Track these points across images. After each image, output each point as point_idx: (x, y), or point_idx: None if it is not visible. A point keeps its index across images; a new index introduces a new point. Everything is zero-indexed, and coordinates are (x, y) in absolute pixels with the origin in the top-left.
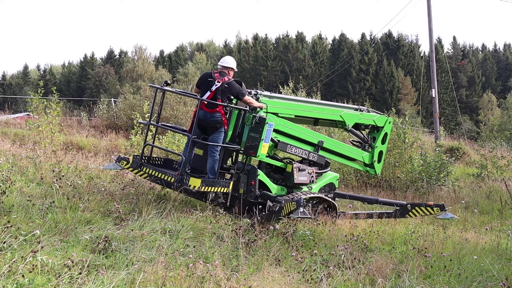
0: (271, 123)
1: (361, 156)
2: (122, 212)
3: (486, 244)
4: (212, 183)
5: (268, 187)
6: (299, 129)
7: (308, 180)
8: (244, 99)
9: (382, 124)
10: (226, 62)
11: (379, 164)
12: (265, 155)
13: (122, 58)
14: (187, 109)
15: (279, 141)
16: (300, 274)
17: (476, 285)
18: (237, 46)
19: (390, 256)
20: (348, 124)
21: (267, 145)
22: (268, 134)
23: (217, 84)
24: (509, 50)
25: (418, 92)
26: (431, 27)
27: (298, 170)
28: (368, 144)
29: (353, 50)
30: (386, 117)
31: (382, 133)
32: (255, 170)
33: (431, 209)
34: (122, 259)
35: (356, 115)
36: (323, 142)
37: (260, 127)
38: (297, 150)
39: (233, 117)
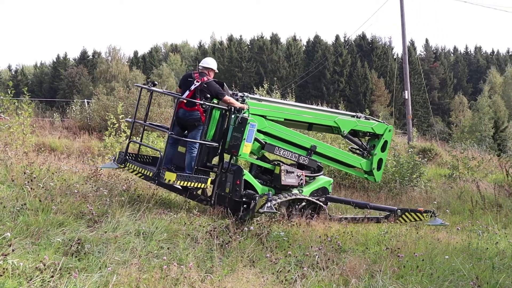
0: (254, 123)
1: (359, 163)
2: (95, 214)
3: (457, 244)
4: (188, 178)
5: (254, 187)
6: (289, 132)
7: (296, 182)
8: (224, 99)
9: (381, 132)
10: (206, 63)
11: (378, 172)
12: (247, 154)
13: (95, 58)
14: (161, 110)
15: (266, 142)
16: (275, 275)
17: (447, 285)
18: (211, 47)
19: (364, 256)
20: (344, 130)
21: (250, 144)
22: (250, 134)
23: (196, 84)
24: (480, 53)
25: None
26: (404, 29)
27: (286, 172)
28: (367, 151)
29: (327, 52)
30: (385, 125)
31: (381, 140)
32: (241, 170)
33: (420, 215)
34: (95, 262)
35: (352, 122)
36: (316, 146)
37: (242, 127)
38: (286, 152)
39: (215, 117)
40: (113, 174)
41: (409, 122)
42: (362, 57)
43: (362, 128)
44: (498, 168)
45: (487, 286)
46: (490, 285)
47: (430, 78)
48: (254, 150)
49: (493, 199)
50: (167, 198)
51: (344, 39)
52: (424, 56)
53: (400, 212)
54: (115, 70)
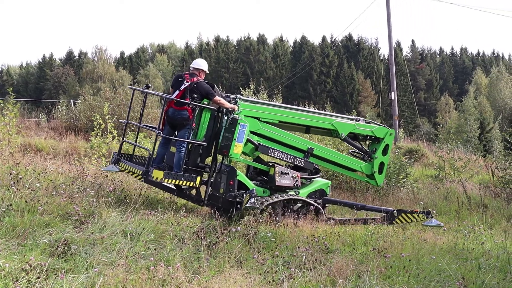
0: (244, 124)
1: (359, 166)
2: (82, 215)
3: (443, 244)
4: (176, 176)
5: (248, 188)
6: (284, 134)
7: (291, 183)
8: (214, 99)
9: (382, 136)
10: (197, 64)
11: (380, 176)
12: (238, 155)
13: (81, 59)
14: (147, 110)
15: (259, 144)
16: (262, 275)
17: (434, 285)
18: (198, 48)
19: (351, 257)
20: (342, 133)
21: (240, 145)
22: (241, 134)
23: (185, 84)
24: (465, 54)
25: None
26: (391, 30)
27: (281, 174)
28: (368, 155)
29: (314, 53)
30: (386, 128)
31: (382, 144)
32: (234, 171)
33: (417, 216)
34: (81, 263)
35: (351, 125)
36: (313, 149)
37: (233, 127)
38: (280, 154)
39: (206, 118)
40: (100, 174)
41: (395, 123)
42: (348, 58)
43: (361, 132)
44: (484, 169)
45: (473, 286)
46: (476, 285)
47: (416, 79)
48: (248, 152)
49: (479, 199)
50: (154, 198)
51: (331, 40)
52: (410, 57)
53: (397, 213)
54: (102, 71)
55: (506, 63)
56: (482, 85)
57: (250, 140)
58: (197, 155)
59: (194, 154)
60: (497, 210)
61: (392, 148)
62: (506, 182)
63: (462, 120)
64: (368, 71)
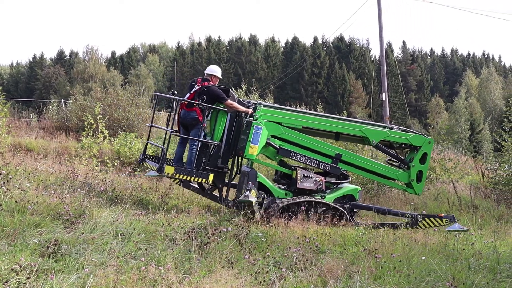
0: (259, 126)
1: (395, 174)
2: (72, 215)
3: (434, 245)
4: (188, 172)
5: (270, 190)
6: (308, 139)
7: (314, 187)
8: (226, 103)
9: (419, 144)
10: (210, 70)
11: (419, 184)
12: (254, 156)
13: (72, 58)
14: (139, 111)
15: (280, 147)
16: (253, 276)
17: (424, 285)
18: (190, 48)
19: (342, 257)
20: (373, 140)
21: (256, 146)
22: (255, 136)
23: (196, 87)
24: (456, 55)
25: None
26: (382, 31)
27: (303, 177)
28: (404, 163)
29: (305, 54)
30: (424, 137)
31: (419, 152)
32: (255, 173)
33: (440, 220)
34: (72, 263)
35: (382, 132)
36: (341, 155)
37: (248, 129)
38: (303, 158)
39: (221, 120)
40: (90, 175)
41: (386, 123)
42: (340, 59)
43: (395, 139)
44: (474, 169)
45: (463, 286)
46: (466, 285)
47: (407, 80)
48: (270, 155)
49: (469, 200)
50: (145, 199)
51: (322, 40)
52: (401, 58)
53: (420, 217)
54: (93, 71)
55: (496, 64)
56: (473, 86)
57: (271, 143)
58: (218, 156)
59: (215, 155)
60: (487, 210)
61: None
62: (496, 183)
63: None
64: (360, 72)
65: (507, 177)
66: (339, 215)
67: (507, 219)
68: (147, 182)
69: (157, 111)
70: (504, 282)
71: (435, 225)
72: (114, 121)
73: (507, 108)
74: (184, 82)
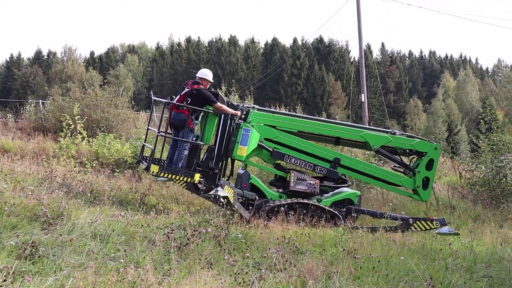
0: (248, 128)
1: (399, 180)
2: (50, 217)
3: (412, 245)
4: (173, 171)
5: (262, 191)
6: (304, 143)
7: (309, 190)
8: (215, 105)
9: (425, 150)
10: (201, 73)
11: (425, 191)
12: (243, 157)
13: (50, 58)
14: (118, 111)
15: (273, 150)
16: (232, 277)
17: (403, 285)
18: (169, 48)
19: (321, 258)
20: (374, 145)
21: (244, 148)
22: (244, 138)
23: (186, 90)
24: (434, 57)
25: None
26: (361, 33)
27: (297, 179)
28: (409, 169)
29: (285, 55)
30: (430, 143)
31: (425, 158)
32: (248, 175)
33: (431, 223)
34: (50, 265)
35: (384, 138)
36: (340, 159)
37: (237, 131)
38: (298, 161)
39: (211, 122)
40: (68, 176)
41: (365, 124)
42: (319, 60)
43: (398, 145)
44: (452, 170)
45: (440, 286)
46: (444, 285)
47: (386, 82)
48: (265, 158)
49: (446, 201)
50: (124, 200)
51: (302, 42)
52: (380, 60)
53: (412, 220)
54: (71, 71)
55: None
56: (450, 88)
57: (264, 146)
58: (210, 158)
59: (207, 157)
60: (464, 211)
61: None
62: (473, 183)
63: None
64: (339, 73)
65: (484, 178)
66: (335, 218)
67: (483, 219)
68: (126, 183)
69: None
70: (480, 281)
71: (426, 228)
72: (93, 122)
73: (484, 110)
74: (163, 82)
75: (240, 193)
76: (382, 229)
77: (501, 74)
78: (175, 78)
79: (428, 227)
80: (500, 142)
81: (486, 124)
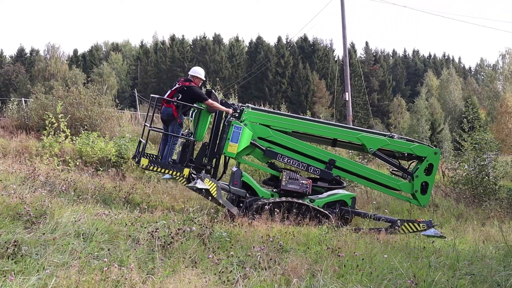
0: (239, 126)
1: (397, 184)
2: (33, 215)
3: (396, 243)
4: (162, 165)
5: (254, 189)
6: (299, 143)
7: (300, 189)
8: (206, 102)
9: (424, 154)
10: (193, 71)
11: (424, 196)
12: (234, 154)
13: (33, 56)
14: (101, 109)
15: (266, 149)
16: (217, 275)
17: (386, 283)
18: (153, 46)
19: (305, 256)
20: (370, 148)
21: (235, 145)
22: (235, 135)
23: (177, 86)
24: (417, 56)
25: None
26: (345, 32)
27: (289, 178)
28: (407, 173)
29: (269, 53)
30: (429, 147)
31: (424, 163)
32: (240, 172)
33: (418, 225)
34: (32, 264)
35: (381, 140)
36: (335, 161)
37: (228, 128)
38: (291, 161)
39: (204, 119)
40: (51, 174)
41: (349, 123)
42: (304, 58)
43: (397, 149)
44: None
45: (424, 284)
46: (427, 283)
47: (370, 81)
48: (258, 157)
49: (430, 199)
50: (108, 199)
51: (286, 40)
52: (364, 59)
53: (400, 222)
54: (54, 69)
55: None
56: (433, 86)
57: (257, 145)
58: (203, 154)
59: (200, 153)
60: (447, 209)
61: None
62: (455, 182)
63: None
64: (323, 72)
65: (467, 176)
66: (328, 219)
67: (466, 218)
68: (110, 181)
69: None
70: (463, 279)
71: (413, 230)
72: (76, 120)
73: (466, 109)
74: (147, 81)
75: (226, 189)
76: (367, 230)
77: (483, 74)
78: (159, 76)
79: (415, 229)
80: (483, 141)
81: (469, 123)
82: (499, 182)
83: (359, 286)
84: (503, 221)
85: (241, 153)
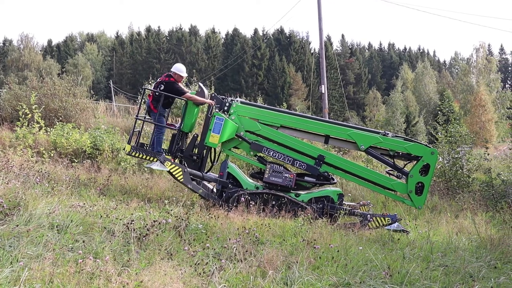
0: (221, 117)
1: (390, 183)
2: (6, 207)
3: (370, 235)
4: (144, 151)
5: (239, 181)
6: (287, 138)
7: (283, 183)
8: (185, 96)
9: (419, 154)
10: (175, 67)
11: (419, 197)
12: (215, 144)
13: (6, 46)
14: (76, 100)
15: (252, 141)
16: (192, 267)
17: (361, 275)
18: (129, 37)
19: (281, 248)
20: (361, 145)
21: (217, 135)
22: (217, 126)
23: (159, 80)
24: (393, 50)
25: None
26: (321, 24)
27: (272, 171)
28: (403, 173)
29: (246, 45)
30: (426, 147)
31: (420, 163)
32: (226, 164)
33: (383, 219)
34: (6, 256)
35: (373, 138)
36: (325, 157)
37: (210, 119)
38: (276, 154)
39: (190, 111)
40: (25, 166)
41: (325, 115)
42: (280, 51)
43: (391, 147)
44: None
45: (398, 275)
46: (401, 274)
47: (345, 73)
48: (245, 149)
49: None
50: (83, 190)
51: (263, 32)
52: (340, 52)
53: (369, 217)
54: (28, 59)
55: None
56: (408, 80)
57: (243, 137)
58: (192, 145)
59: (190, 144)
60: None
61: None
62: None
63: (389, 114)
64: (299, 65)
65: (441, 169)
66: (321, 214)
67: (440, 210)
68: (85, 173)
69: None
70: (436, 270)
71: (380, 224)
72: (51, 111)
73: (441, 102)
74: (123, 72)
75: (199, 175)
76: (342, 224)
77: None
78: (135, 67)
79: (381, 223)
80: (457, 133)
81: (444, 116)
82: (472, 175)
83: (335, 277)
84: (476, 213)
85: (228, 145)
